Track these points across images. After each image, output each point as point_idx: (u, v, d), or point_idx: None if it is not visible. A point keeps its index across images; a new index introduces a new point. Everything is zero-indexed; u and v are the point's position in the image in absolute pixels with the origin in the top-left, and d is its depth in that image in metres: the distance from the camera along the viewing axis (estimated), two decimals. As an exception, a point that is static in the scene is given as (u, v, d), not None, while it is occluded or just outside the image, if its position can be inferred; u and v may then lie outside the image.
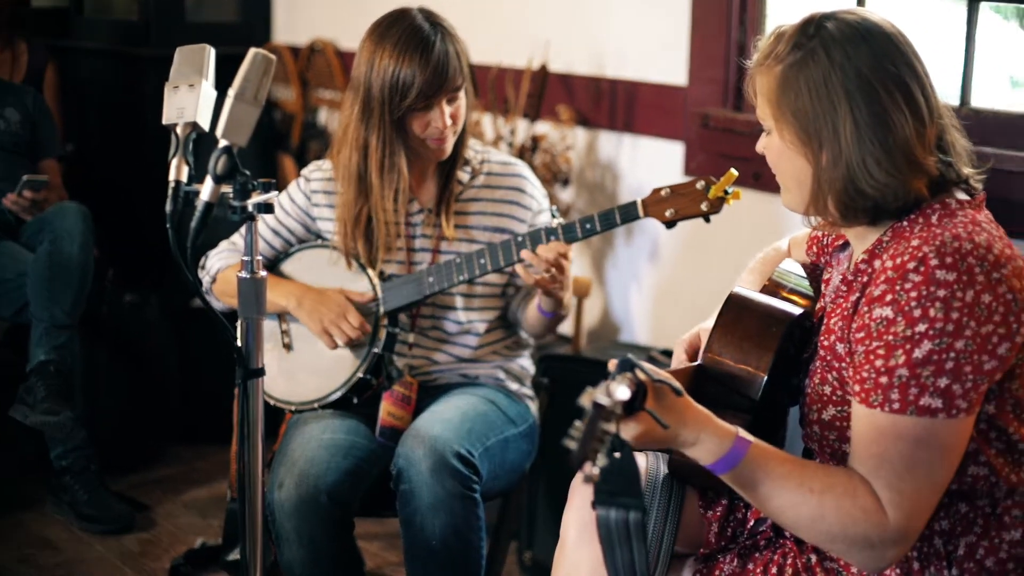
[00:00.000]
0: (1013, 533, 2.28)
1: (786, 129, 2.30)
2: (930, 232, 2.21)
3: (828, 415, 2.36)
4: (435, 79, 3.24)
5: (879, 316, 2.17)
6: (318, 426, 3.29)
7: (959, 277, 2.13)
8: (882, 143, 2.22)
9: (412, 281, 3.35)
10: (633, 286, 4.68)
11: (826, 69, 2.24)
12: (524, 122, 4.72)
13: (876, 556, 2.17)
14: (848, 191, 2.25)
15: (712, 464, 2.19)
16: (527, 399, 3.53)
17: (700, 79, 4.40)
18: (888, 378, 2.15)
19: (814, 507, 2.17)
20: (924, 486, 2.15)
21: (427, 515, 3.12)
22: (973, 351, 2.13)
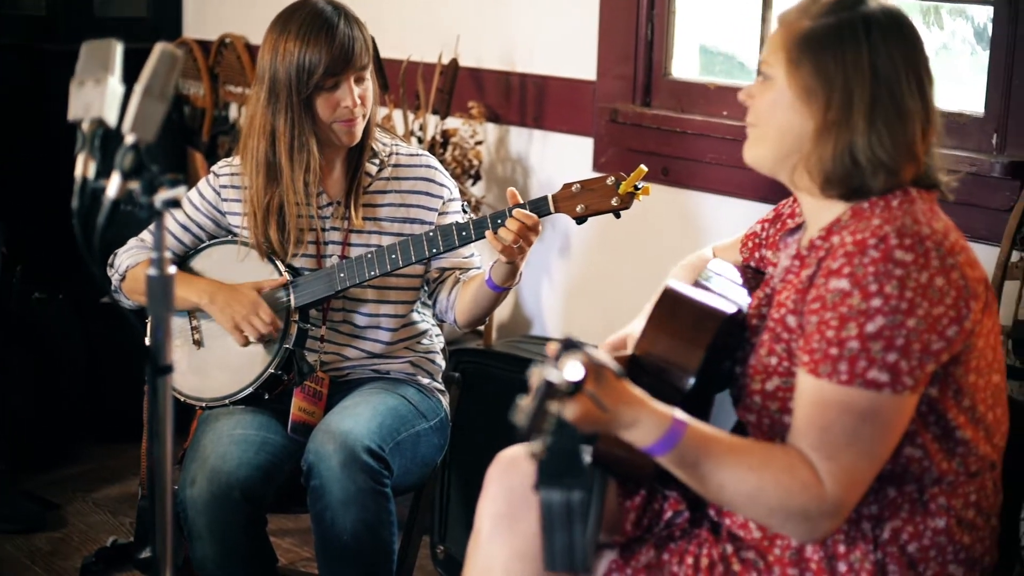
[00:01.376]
0: (938, 521, 2.31)
1: (796, 80, 2.31)
2: (891, 214, 2.26)
3: (772, 386, 2.38)
4: (341, 56, 3.25)
5: (835, 288, 2.21)
6: (229, 422, 3.28)
7: (916, 259, 2.18)
8: (891, 126, 2.28)
9: (323, 276, 3.35)
10: (544, 280, 4.69)
11: (860, 42, 2.28)
12: (434, 117, 4.72)
13: (812, 528, 2.20)
14: (844, 159, 2.28)
15: (650, 446, 2.20)
16: (438, 393, 3.54)
17: (609, 74, 4.42)
18: (839, 349, 2.18)
19: (753, 483, 2.19)
20: (863, 460, 2.19)
21: (338, 510, 3.12)
22: (923, 330, 2.17)
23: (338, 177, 3.44)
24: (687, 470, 2.22)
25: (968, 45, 3.82)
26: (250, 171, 3.35)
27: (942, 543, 2.32)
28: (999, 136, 3.56)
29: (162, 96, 2.41)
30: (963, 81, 3.79)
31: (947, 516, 2.32)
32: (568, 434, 2.05)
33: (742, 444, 2.25)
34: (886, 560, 2.30)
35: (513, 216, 3.16)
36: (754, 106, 2.41)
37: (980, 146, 3.62)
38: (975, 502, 2.35)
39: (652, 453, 2.21)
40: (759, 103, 2.40)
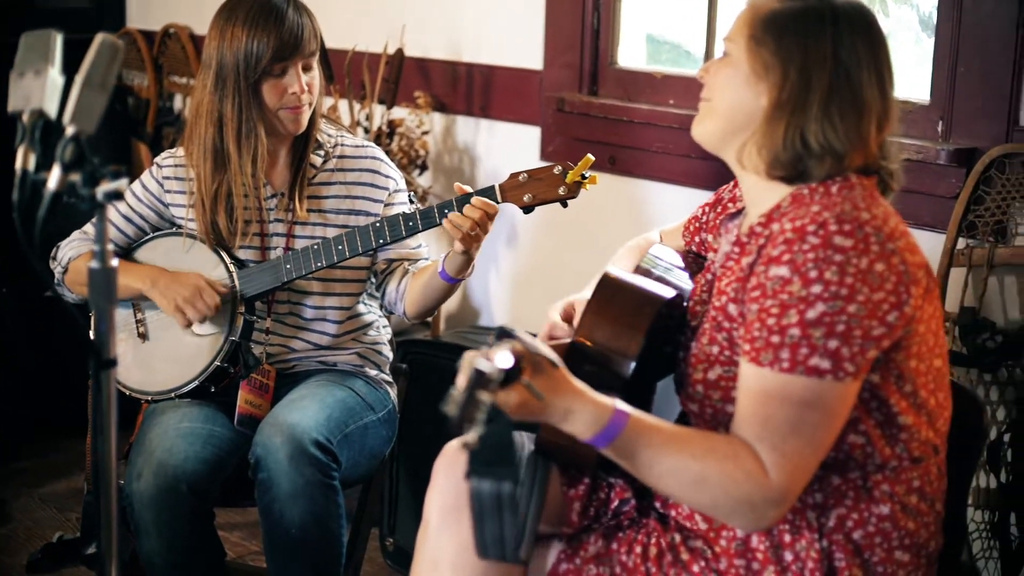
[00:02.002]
0: (882, 508, 2.32)
1: (755, 57, 2.33)
2: (830, 200, 2.27)
3: (714, 375, 2.38)
4: (290, 41, 3.24)
5: (775, 275, 2.21)
6: (175, 415, 3.25)
7: (856, 244, 2.18)
8: (846, 115, 2.29)
9: (269, 268, 3.33)
10: (492, 270, 4.69)
11: (825, 29, 2.30)
12: (380, 107, 4.71)
13: (757, 517, 2.20)
14: (795, 141, 2.29)
15: (591, 438, 2.19)
16: (386, 385, 3.52)
17: (555, 63, 4.42)
18: (780, 337, 2.18)
19: (696, 472, 2.18)
20: (806, 448, 2.18)
21: (286, 504, 3.10)
22: (864, 316, 2.17)
23: (282, 168, 3.42)
24: (629, 460, 2.22)
25: (913, 32, 3.83)
26: (197, 158, 3.32)
27: (887, 529, 2.32)
28: (944, 123, 3.57)
29: (103, 87, 2.38)
30: (909, 69, 3.80)
31: (891, 503, 2.32)
32: (501, 424, 2.04)
33: (685, 433, 2.24)
34: (832, 548, 2.31)
35: (473, 203, 3.15)
36: (710, 81, 2.42)
37: (926, 134, 3.63)
38: (919, 488, 2.35)
39: (594, 444, 2.20)
40: (715, 78, 2.41)
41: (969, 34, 3.48)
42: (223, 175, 3.31)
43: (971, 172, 3.47)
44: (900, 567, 2.33)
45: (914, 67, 3.77)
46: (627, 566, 2.40)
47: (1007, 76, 3.42)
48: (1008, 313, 3.51)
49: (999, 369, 3.43)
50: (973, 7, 3.46)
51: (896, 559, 2.33)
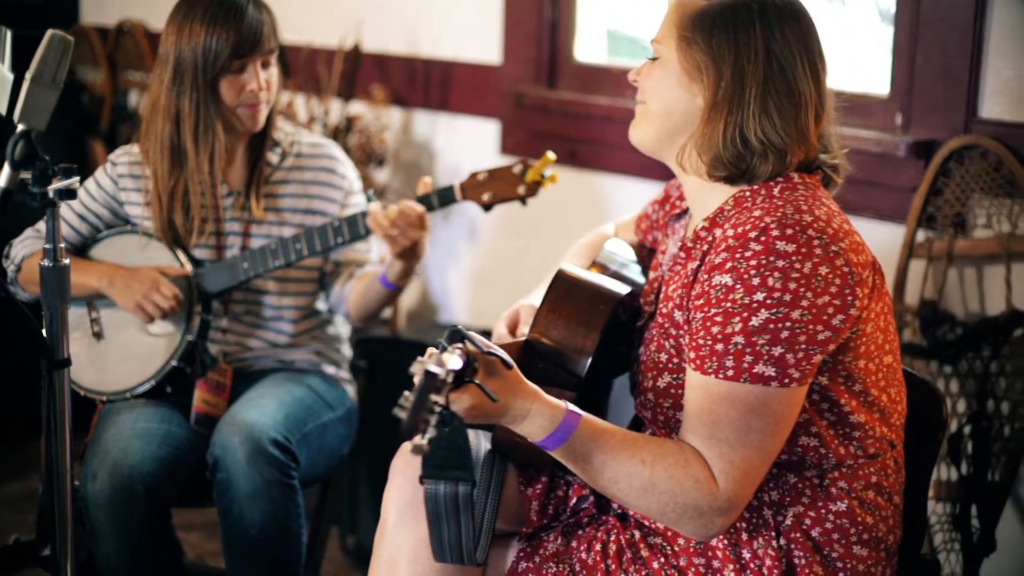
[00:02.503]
0: (839, 505, 2.32)
1: (687, 57, 2.31)
2: (772, 203, 2.25)
3: (663, 382, 2.37)
4: (249, 38, 3.22)
5: (719, 283, 2.19)
6: (131, 416, 3.23)
7: (798, 248, 2.17)
8: (783, 109, 2.28)
9: (226, 267, 3.31)
10: (451, 267, 4.67)
11: (754, 24, 2.29)
12: (338, 103, 4.69)
13: (705, 524, 2.19)
14: (734, 140, 2.28)
15: (542, 440, 2.19)
16: (344, 383, 3.51)
17: (514, 57, 4.40)
18: (724, 345, 2.17)
19: (645, 478, 2.18)
20: (754, 455, 2.18)
21: (245, 503, 3.08)
22: (808, 321, 2.16)
23: (239, 167, 3.39)
24: (580, 463, 2.21)
25: (872, 24, 3.83)
26: (154, 155, 3.30)
27: (845, 526, 2.32)
28: (903, 116, 3.57)
29: (54, 84, 2.37)
30: (868, 60, 3.80)
31: (848, 499, 2.32)
32: (454, 426, 2.03)
33: (636, 438, 2.23)
34: (791, 546, 2.30)
35: (399, 205, 3.14)
36: (642, 85, 2.41)
37: (885, 126, 3.63)
38: (876, 483, 2.35)
39: (545, 447, 2.19)
40: (647, 81, 2.39)
41: (928, 26, 3.48)
42: (180, 172, 3.29)
43: (930, 164, 3.47)
44: (860, 562, 2.33)
45: (873, 59, 3.76)
46: (587, 564, 2.39)
47: (965, 68, 3.42)
48: (968, 305, 3.51)
49: (959, 361, 3.43)
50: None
51: (855, 554, 2.32)
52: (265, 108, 3.31)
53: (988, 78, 3.42)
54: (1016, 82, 3.37)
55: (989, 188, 3.40)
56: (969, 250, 3.45)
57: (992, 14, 3.39)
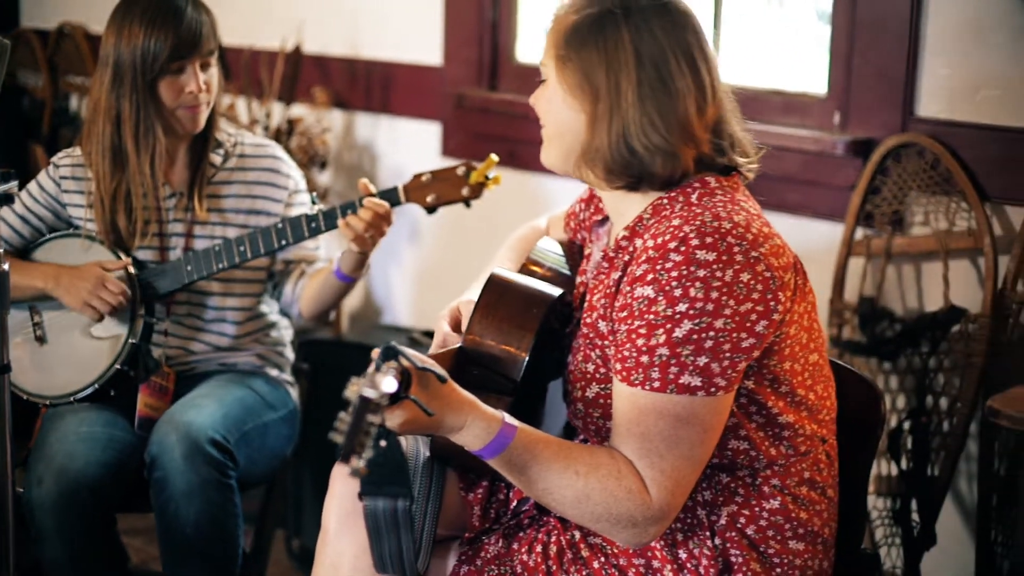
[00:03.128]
0: (772, 502, 2.33)
1: (566, 77, 2.30)
2: (690, 211, 2.23)
3: (592, 393, 2.37)
4: (188, 39, 3.21)
5: (641, 295, 2.19)
6: (75, 419, 3.21)
7: (719, 257, 2.16)
8: (662, 108, 2.25)
9: (170, 269, 3.30)
10: (394, 269, 4.67)
11: (620, 27, 2.26)
12: (279, 105, 4.68)
13: (639, 533, 2.20)
14: (620, 148, 2.26)
15: (479, 450, 2.19)
16: (287, 385, 3.50)
17: (455, 59, 4.41)
18: (649, 357, 2.17)
19: (580, 489, 2.18)
20: (685, 464, 2.18)
21: (181, 503, 3.07)
22: (732, 329, 2.16)
23: (181, 168, 3.39)
24: (515, 473, 2.21)
25: (810, 24, 3.86)
26: (95, 157, 3.29)
27: (779, 522, 2.33)
28: (841, 114, 3.60)
29: (-9, 87, 2.36)
30: (806, 60, 3.83)
31: (781, 496, 2.33)
32: (391, 444, 2.04)
33: (570, 449, 2.23)
34: (726, 545, 2.31)
35: (365, 206, 3.14)
36: (538, 109, 2.41)
37: (823, 125, 3.66)
38: (808, 479, 2.36)
39: (480, 456, 2.20)
40: (540, 106, 2.40)
41: (864, 26, 3.51)
42: (122, 174, 3.28)
43: (868, 163, 3.51)
44: (796, 556, 2.34)
45: (811, 58, 3.79)
46: (528, 566, 2.40)
47: (902, 67, 3.45)
48: (906, 302, 3.55)
49: (898, 357, 3.46)
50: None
51: (792, 549, 2.33)
52: (205, 110, 3.30)
53: (924, 77, 3.45)
54: (952, 81, 3.40)
55: (926, 186, 3.44)
56: (907, 247, 3.48)
57: (928, 14, 3.42)
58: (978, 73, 3.36)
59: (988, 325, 3.30)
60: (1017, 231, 3.30)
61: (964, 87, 3.39)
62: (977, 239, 3.35)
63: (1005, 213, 3.37)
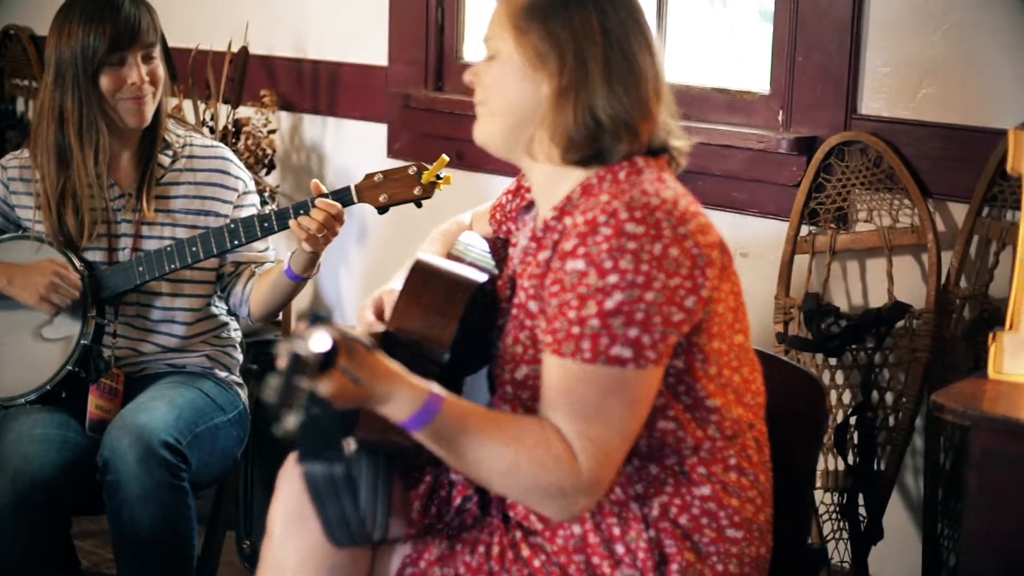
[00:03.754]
0: (702, 489, 2.33)
1: (526, 48, 2.32)
2: (618, 188, 2.26)
3: (521, 374, 2.38)
4: (127, 31, 3.22)
5: (572, 269, 2.20)
6: (28, 421, 3.20)
7: (648, 231, 2.18)
8: (627, 85, 2.30)
9: (120, 270, 3.29)
10: (342, 269, 4.67)
11: (587, 5, 2.31)
12: (226, 107, 4.67)
13: (567, 505, 2.19)
14: (586, 121, 2.29)
15: (406, 420, 2.17)
16: (236, 386, 3.50)
17: (400, 59, 4.42)
18: (580, 328, 2.18)
19: (509, 458, 2.18)
20: (614, 435, 2.19)
21: (135, 506, 3.06)
22: (662, 303, 2.17)
23: (129, 168, 3.38)
24: (444, 444, 2.20)
25: (752, 23, 3.89)
26: (42, 159, 3.29)
27: (712, 510, 2.34)
28: (785, 113, 3.63)
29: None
30: (749, 59, 3.85)
31: (710, 484, 2.34)
32: (322, 408, 2.03)
33: (498, 418, 2.24)
34: (660, 536, 2.32)
35: (318, 206, 3.15)
36: (481, 84, 2.41)
37: (767, 123, 3.68)
38: (736, 465, 2.37)
39: (408, 428, 2.18)
40: (486, 80, 2.40)
41: (806, 24, 3.54)
42: (67, 172, 3.27)
43: (811, 160, 3.54)
44: (732, 544, 2.35)
45: (753, 57, 3.82)
46: (471, 566, 2.39)
47: (844, 65, 3.49)
48: (851, 298, 3.58)
49: (844, 353, 3.49)
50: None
51: (728, 537, 2.35)
52: (151, 103, 3.30)
53: (866, 75, 3.49)
54: (893, 78, 3.44)
55: (869, 183, 3.47)
56: (851, 244, 3.51)
57: (868, 11, 3.46)
58: (918, 70, 3.40)
59: (932, 321, 3.33)
60: (959, 227, 3.34)
61: (905, 85, 3.42)
62: (920, 235, 3.38)
63: (948, 209, 3.41)
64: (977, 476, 2.39)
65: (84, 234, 3.30)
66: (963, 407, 2.41)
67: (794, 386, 2.58)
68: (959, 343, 3.31)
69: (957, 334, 3.32)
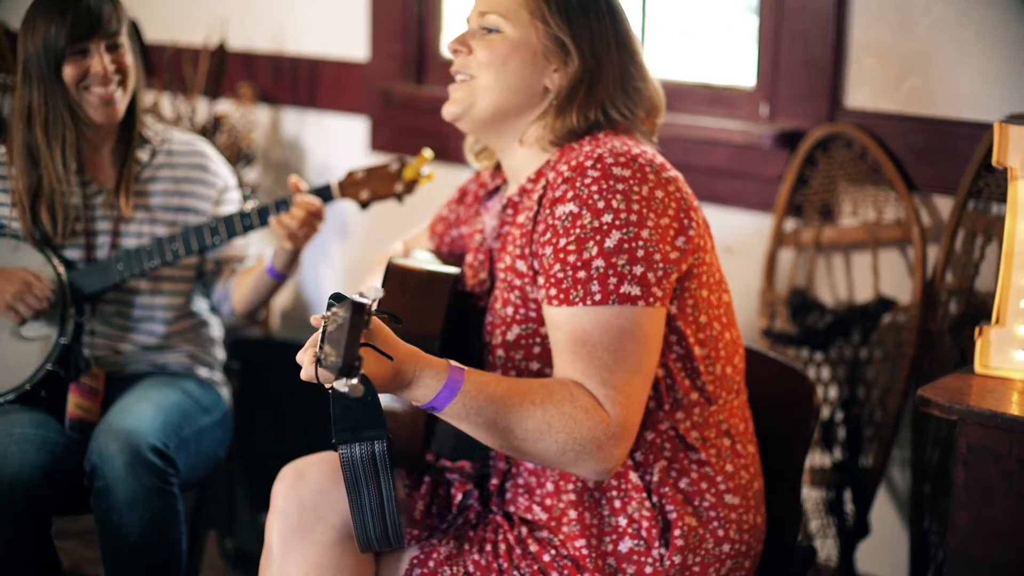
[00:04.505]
0: (699, 454, 2.36)
1: (543, 36, 2.37)
2: (599, 142, 2.33)
3: (512, 335, 2.39)
4: (88, 19, 3.20)
5: (563, 213, 2.24)
6: (6, 422, 3.17)
7: (634, 173, 2.24)
8: (638, 84, 2.42)
9: (99, 268, 3.27)
10: (324, 265, 4.66)
11: (602, 8, 2.39)
12: (204, 101, 4.64)
13: (604, 457, 2.19)
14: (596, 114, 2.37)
15: (433, 399, 2.15)
16: (219, 386, 3.48)
17: (381, 54, 4.40)
18: (586, 271, 2.20)
19: (540, 419, 2.17)
20: (635, 377, 2.20)
21: (124, 511, 3.04)
22: (658, 240, 2.22)
23: (106, 164, 3.35)
24: (473, 419, 2.18)
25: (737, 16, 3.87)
26: (16, 157, 3.27)
27: (709, 474, 2.36)
28: (769, 106, 3.62)
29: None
30: (733, 52, 3.84)
31: (704, 449, 2.37)
32: (366, 384, 1.98)
33: (520, 383, 2.22)
34: (662, 501, 2.33)
35: (297, 203, 3.14)
36: (476, 58, 2.42)
37: (751, 116, 3.67)
38: (727, 431, 2.41)
39: (435, 408, 2.16)
40: (485, 55, 2.40)
41: (791, 17, 3.53)
42: (38, 171, 3.25)
43: (796, 154, 3.52)
44: (731, 510, 2.38)
45: (738, 50, 3.81)
46: (480, 565, 2.39)
47: (828, 58, 3.47)
48: (837, 293, 3.56)
49: (830, 348, 3.48)
50: (794, -9, 3.51)
51: (726, 503, 2.37)
52: (121, 97, 3.27)
53: (851, 68, 3.48)
54: (877, 71, 3.43)
55: (854, 177, 3.46)
56: (836, 238, 3.50)
57: (853, 4, 3.44)
58: (902, 63, 3.38)
59: (918, 315, 3.32)
60: (945, 221, 3.33)
61: (889, 77, 3.41)
62: (906, 229, 3.37)
63: (933, 203, 3.39)
64: (963, 471, 2.38)
65: (59, 231, 3.28)
66: (949, 402, 2.39)
67: (782, 381, 2.58)
68: (945, 337, 3.30)
69: (943, 328, 3.31)
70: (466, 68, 2.43)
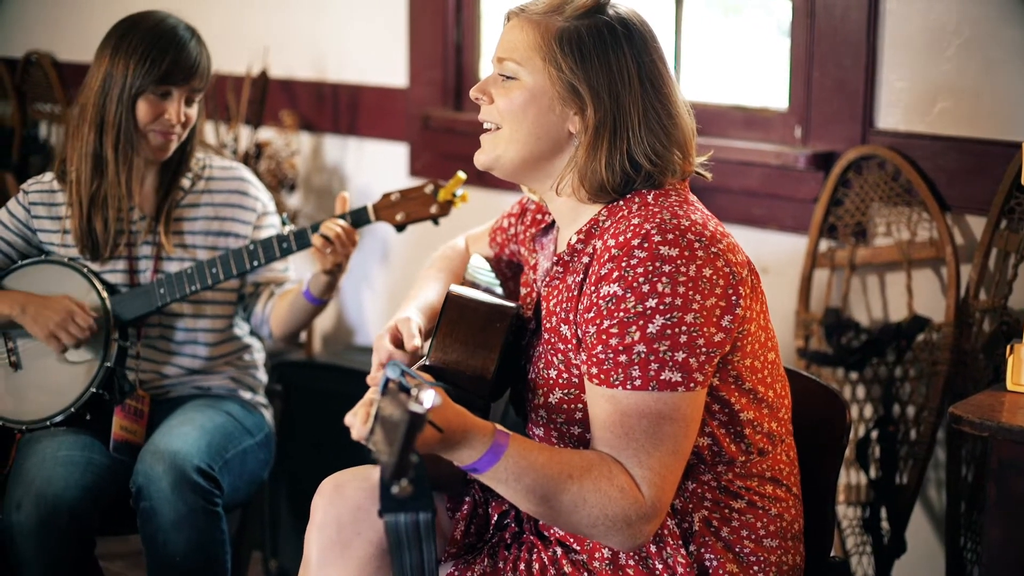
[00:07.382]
0: (740, 502, 2.35)
1: (558, 81, 2.31)
2: (648, 211, 2.26)
3: (555, 399, 2.37)
4: (184, 67, 3.27)
5: (607, 293, 2.20)
6: (52, 444, 3.22)
7: (681, 252, 2.18)
8: (664, 125, 2.31)
9: (142, 293, 3.31)
10: (365, 289, 4.69)
11: (622, 46, 2.30)
12: (247, 129, 4.70)
13: (633, 534, 2.19)
14: (623, 163, 2.29)
15: (475, 463, 2.16)
16: (262, 408, 3.52)
17: (420, 80, 4.44)
18: (627, 356, 2.18)
19: (576, 493, 2.17)
20: (671, 459, 2.19)
21: (170, 532, 3.08)
22: (702, 324, 2.18)
23: (150, 192, 3.40)
24: (512, 484, 2.18)
25: (770, 39, 3.90)
26: (77, 162, 3.31)
27: (750, 521, 2.36)
28: (803, 128, 3.64)
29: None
30: (766, 75, 3.87)
31: (748, 495, 2.36)
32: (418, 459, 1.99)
33: (560, 452, 2.22)
34: (701, 550, 2.33)
35: (322, 226, 3.18)
36: (497, 107, 2.39)
37: (785, 139, 3.69)
38: (771, 477, 2.39)
39: (476, 471, 2.18)
40: (504, 103, 2.37)
41: (823, 39, 3.55)
42: (101, 180, 3.30)
43: (829, 175, 3.54)
44: (771, 553, 2.36)
45: (771, 72, 3.83)
46: (513, 584, 2.41)
47: (861, 80, 3.49)
48: (871, 312, 3.58)
49: (864, 367, 3.50)
50: (825, 13, 3.53)
51: (766, 547, 2.36)
52: (176, 142, 3.33)
53: (882, 89, 3.49)
54: (909, 93, 3.45)
55: (888, 197, 3.48)
56: (870, 258, 3.52)
57: (884, 26, 3.46)
58: (933, 85, 3.40)
59: (952, 333, 3.33)
60: (978, 240, 3.34)
61: (921, 99, 3.43)
62: (939, 249, 3.39)
63: (966, 222, 3.41)
64: (996, 487, 2.40)
65: (109, 243, 3.32)
66: (980, 419, 2.41)
67: (815, 401, 2.58)
68: (979, 356, 3.31)
69: (977, 347, 3.32)
70: (490, 117, 2.40)
